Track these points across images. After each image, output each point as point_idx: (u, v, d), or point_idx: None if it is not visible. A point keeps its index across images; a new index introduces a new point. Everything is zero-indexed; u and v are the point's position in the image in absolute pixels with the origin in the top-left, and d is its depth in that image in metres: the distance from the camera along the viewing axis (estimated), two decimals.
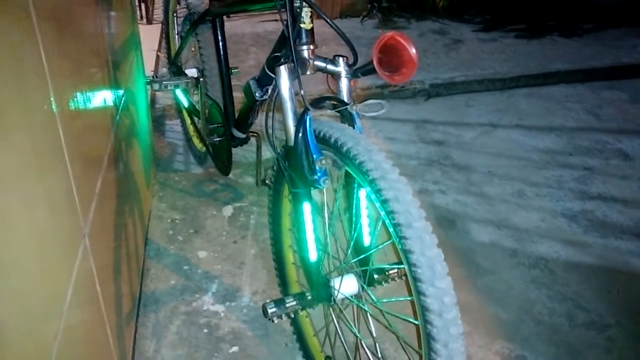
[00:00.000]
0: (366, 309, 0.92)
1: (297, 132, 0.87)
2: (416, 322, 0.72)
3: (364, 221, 0.93)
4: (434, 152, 2.10)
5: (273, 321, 0.90)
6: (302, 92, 0.87)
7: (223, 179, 1.79)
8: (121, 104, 1.21)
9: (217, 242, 1.53)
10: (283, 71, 0.90)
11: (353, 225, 0.92)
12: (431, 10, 3.50)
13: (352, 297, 0.91)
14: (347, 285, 0.92)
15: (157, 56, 2.53)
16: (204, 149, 1.74)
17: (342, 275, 0.91)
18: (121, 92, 1.23)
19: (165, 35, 1.80)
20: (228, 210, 1.66)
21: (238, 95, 1.40)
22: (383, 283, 0.96)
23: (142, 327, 1.27)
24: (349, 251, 0.93)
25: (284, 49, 1.01)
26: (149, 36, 2.70)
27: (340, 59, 0.95)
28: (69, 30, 0.82)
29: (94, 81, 0.97)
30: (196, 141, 1.83)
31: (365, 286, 0.92)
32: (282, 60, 0.91)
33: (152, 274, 1.42)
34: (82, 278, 0.76)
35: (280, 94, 0.91)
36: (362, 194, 0.92)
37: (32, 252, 0.58)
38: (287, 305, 0.90)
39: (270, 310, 0.89)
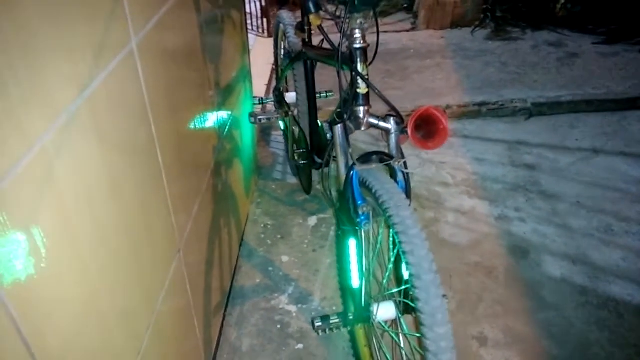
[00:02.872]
0: (392, 335, 1.06)
1: (345, 181, 1.03)
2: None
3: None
4: (522, 177, 2.10)
5: (319, 333, 1.08)
6: (350, 150, 1.02)
7: (313, 191, 2.00)
8: (225, 131, 1.47)
9: (299, 249, 1.75)
10: (338, 130, 1.06)
11: (392, 260, 1.06)
12: (549, 20, 3.36)
13: (385, 322, 1.06)
14: (384, 311, 1.07)
15: (272, 69, 2.81)
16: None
17: (378, 302, 1.06)
18: (226, 119, 1.49)
19: (275, 63, 2.04)
20: (312, 221, 1.87)
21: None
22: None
23: (229, 316, 1.53)
24: (384, 282, 1.08)
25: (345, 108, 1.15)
26: (269, 48, 2.97)
27: (391, 118, 1.08)
28: (173, 67, 1.07)
29: (197, 112, 1.22)
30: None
31: (400, 314, 1.06)
32: (337, 120, 1.07)
33: (243, 271, 1.68)
34: (174, 282, 1.01)
35: (336, 148, 1.07)
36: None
37: (130, 263, 0.82)
38: (331, 322, 1.08)
39: (316, 324, 1.08)
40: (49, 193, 0.56)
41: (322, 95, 1.72)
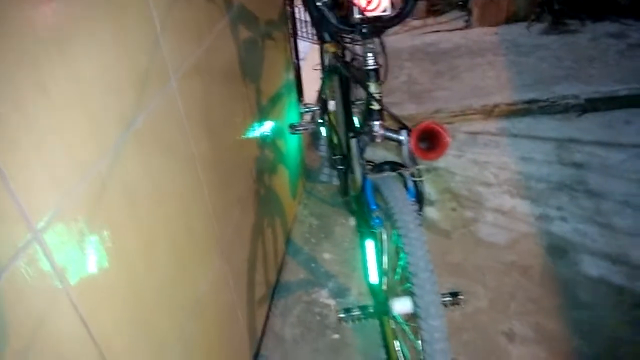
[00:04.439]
0: (405, 327, 1.16)
1: (361, 188, 1.15)
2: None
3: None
4: (568, 176, 2.10)
5: (342, 323, 1.21)
6: (362, 161, 1.13)
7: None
8: (267, 141, 1.63)
9: (340, 247, 1.89)
10: (354, 143, 1.18)
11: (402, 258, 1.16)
12: (612, 9, 3.22)
13: (402, 315, 1.17)
14: (401, 305, 1.17)
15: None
16: None
17: (395, 297, 1.17)
18: (268, 131, 1.65)
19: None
20: (353, 221, 1.99)
21: None
22: None
23: (274, 308, 1.69)
24: (398, 278, 1.18)
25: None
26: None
27: (403, 130, 1.17)
28: (212, 91, 1.23)
29: (235, 129, 1.39)
30: None
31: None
32: (353, 134, 1.19)
33: (289, 267, 1.84)
34: (216, 278, 1.18)
35: (352, 159, 1.19)
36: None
37: (174, 261, 1.00)
38: (353, 313, 1.20)
39: (340, 315, 1.21)
40: (101, 208, 0.74)
41: (355, 102, 1.83)
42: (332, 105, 1.96)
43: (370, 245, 1.18)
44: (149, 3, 0.89)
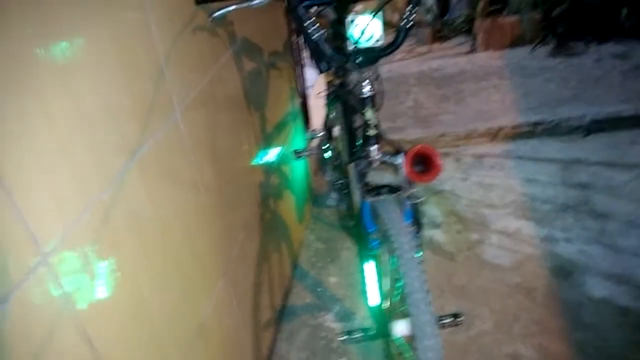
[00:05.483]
0: (404, 350, 1.18)
1: (359, 212, 1.18)
2: None
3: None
4: (573, 197, 2.11)
5: (343, 345, 1.23)
6: (358, 185, 1.17)
7: None
8: (273, 167, 1.68)
9: (346, 271, 1.91)
10: (351, 168, 1.22)
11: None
12: (615, 31, 3.26)
13: (401, 337, 1.19)
14: (401, 327, 1.19)
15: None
16: None
17: (396, 319, 1.19)
18: (273, 157, 1.70)
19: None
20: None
21: None
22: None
23: (280, 331, 1.71)
24: (396, 300, 1.20)
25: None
26: None
27: (400, 154, 1.20)
28: (216, 121, 1.29)
29: (240, 156, 1.44)
30: None
31: None
32: (350, 159, 1.23)
33: (295, 292, 1.87)
34: (220, 299, 1.21)
35: (351, 183, 1.23)
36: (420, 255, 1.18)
37: (178, 284, 1.04)
38: (355, 336, 1.22)
39: (342, 338, 1.23)
40: (106, 233, 0.79)
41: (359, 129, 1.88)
42: (336, 131, 2.02)
43: (369, 267, 1.21)
44: (154, 37, 0.95)
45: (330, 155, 2.14)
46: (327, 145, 2.02)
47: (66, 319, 0.69)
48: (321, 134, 2.17)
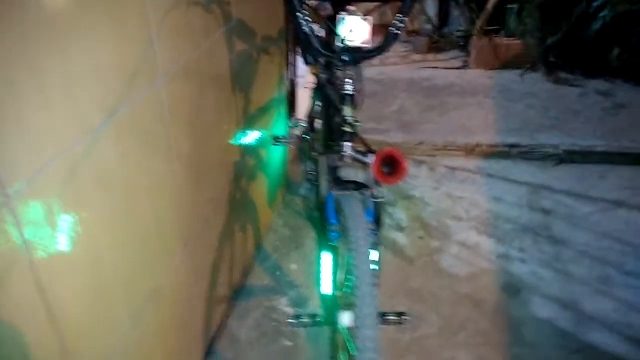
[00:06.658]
0: (347, 340, 1.23)
1: (323, 203, 1.22)
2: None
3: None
4: (535, 221, 2.18)
5: (290, 328, 1.27)
6: (326, 177, 1.21)
7: None
8: (250, 149, 1.71)
9: (307, 260, 1.95)
10: (323, 161, 1.26)
11: None
12: (604, 69, 3.35)
13: (346, 327, 1.23)
14: (347, 318, 1.24)
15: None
16: None
17: (344, 310, 1.23)
18: (252, 140, 1.73)
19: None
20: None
21: None
22: (382, 324, 1.26)
23: (234, 309, 1.75)
24: (348, 291, 1.24)
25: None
26: None
27: (371, 154, 1.24)
28: (199, 96, 1.31)
29: (218, 133, 1.46)
30: None
31: None
32: (322, 151, 1.27)
33: (255, 272, 1.91)
34: (176, 268, 1.24)
35: (319, 175, 1.27)
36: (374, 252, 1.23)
37: (136, 245, 1.06)
38: (303, 320, 1.27)
39: (289, 321, 1.27)
40: (72, 187, 0.81)
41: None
42: (318, 123, 2.05)
43: (326, 257, 1.25)
44: (147, 6, 0.97)
45: (308, 145, 2.18)
46: (308, 135, 2.05)
47: (23, 264, 0.72)
48: (303, 123, 2.20)
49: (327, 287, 1.27)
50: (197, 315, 1.44)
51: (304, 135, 1.99)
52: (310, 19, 1.12)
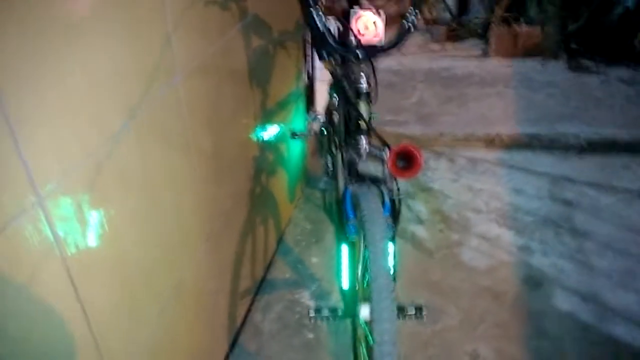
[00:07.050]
0: (367, 332, 1.24)
1: (342, 197, 1.24)
2: None
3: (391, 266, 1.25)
4: (556, 212, 2.16)
5: (311, 322, 1.30)
6: (344, 171, 1.22)
7: None
8: (269, 144, 1.74)
9: (328, 253, 1.97)
10: (340, 156, 1.27)
11: None
12: (627, 55, 3.28)
13: (365, 321, 1.25)
14: (366, 311, 1.25)
15: None
16: None
17: (362, 303, 1.25)
18: (271, 134, 1.75)
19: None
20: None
21: None
22: (400, 318, 1.27)
23: (257, 302, 1.78)
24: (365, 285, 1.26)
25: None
26: None
27: (386, 149, 1.25)
28: (217, 92, 1.34)
29: (236, 129, 1.49)
30: None
31: None
32: (340, 147, 1.28)
33: (277, 266, 1.94)
34: (200, 263, 1.28)
35: (336, 173, 1.28)
36: (391, 246, 1.24)
37: (159, 240, 1.10)
38: (323, 314, 1.29)
39: (310, 314, 1.30)
40: (98, 186, 0.84)
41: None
42: (335, 117, 2.06)
43: (344, 251, 1.27)
44: (165, 5, 1.00)
45: (327, 139, 2.19)
46: (325, 129, 2.06)
47: (55, 259, 0.75)
48: (322, 117, 2.22)
49: (346, 281, 1.29)
50: (221, 308, 1.47)
51: (322, 129, 2.01)
52: (323, 15, 1.13)
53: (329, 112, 2.10)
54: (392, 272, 1.04)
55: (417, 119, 2.84)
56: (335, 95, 1.83)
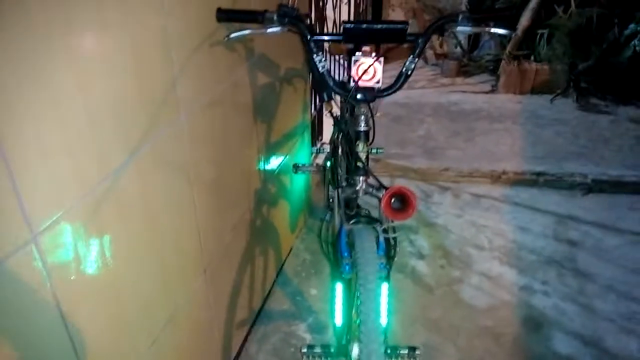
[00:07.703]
0: None
1: (338, 234, 1.25)
2: None
3: (383, 306, 1.26)
4: (560, 252, 2.15)
5: (304, 359, 1.30)
6: (341, 211, 1.24)
7: None
8: (271, 176, 1.76)
9: (326, 285, 1.98)
10: (337, 193, 1.29)
11: None
12: (636, 95, 3.29)
13: (353, 357, 1.25)
14: (357, 351, 1.25)
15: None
16: None
17: (354, 342, 1.25)
18: (273, 167, 1.78)
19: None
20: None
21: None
22: (393, 358, 1.27)
23: (253, 332, 1.79)
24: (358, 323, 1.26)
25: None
26: None
27: (382, 189, 1.26)
28: (220, 129, 1.37)
29: (238, 164, 1.52)
30: None
31: None
32: (337, 184, 1.30)
33: (275, 296, 1.94)
34: (196, 294, 1.29)
35: (334, 207, 1.30)
36: (384, 286, 1.25)
37: (156, 273, 1.12)
38: (315, 351, 1.29)
39: (302, 351, 1.30)
40: (95, 222, 0.87)
41: (371, 151, 1.94)
42: (339, 150, 2.09)
43: (339, 289, 1.27)
44: (171, 46, 1.04)
45: (330, 173, 2.21)
46: (330, 162, 2.09)
47: (45, 295, 0.77)
48: (326, 150, 2.25)
49: (339, 318, 1.29)
50: (216, 339, 1.48)
51: (325, 162, 2.03)
52: (327, 55, 1.16)
53: (333, 145, 2.13)
54: (385, 312, 1.05)
55: (423, 152, 2.85)
56: (337, 133, 1.87)
